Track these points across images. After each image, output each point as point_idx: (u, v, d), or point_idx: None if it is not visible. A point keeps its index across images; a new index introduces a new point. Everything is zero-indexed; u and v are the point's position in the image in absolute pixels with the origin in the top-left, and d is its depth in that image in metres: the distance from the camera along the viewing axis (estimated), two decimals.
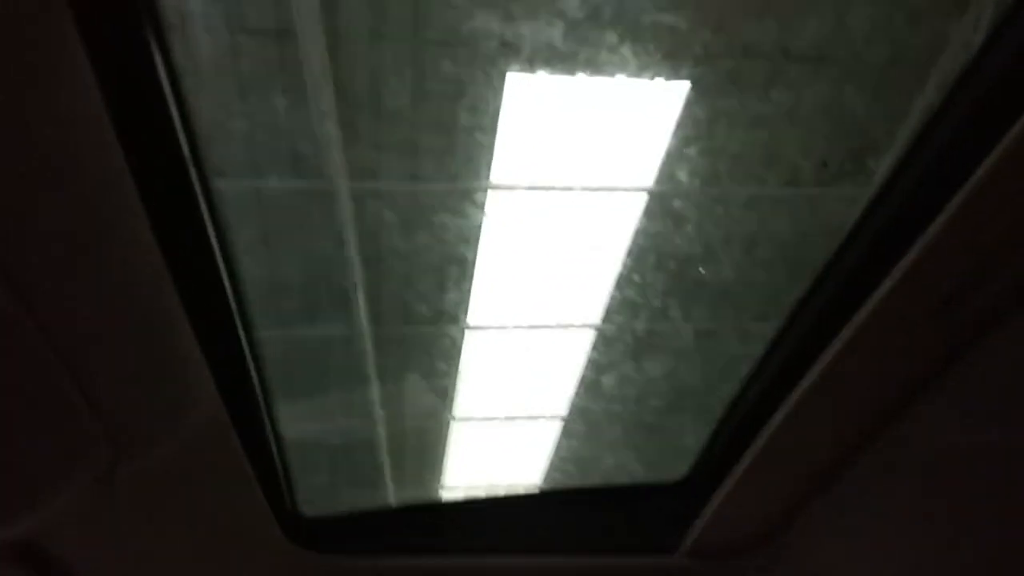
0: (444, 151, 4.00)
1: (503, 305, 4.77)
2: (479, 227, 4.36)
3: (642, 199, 4.47)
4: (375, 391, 4.85)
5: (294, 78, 3.43)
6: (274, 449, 0.96)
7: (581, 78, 3.81)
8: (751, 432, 1.00)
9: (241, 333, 0.79)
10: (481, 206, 4.34)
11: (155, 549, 0.83)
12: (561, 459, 5.72)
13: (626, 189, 4.37)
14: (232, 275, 0.70)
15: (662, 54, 3.79)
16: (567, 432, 5.59)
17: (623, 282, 4.67)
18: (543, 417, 5.55)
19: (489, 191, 4.29)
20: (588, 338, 5.03)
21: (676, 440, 5.32)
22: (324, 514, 1.13)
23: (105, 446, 0.61)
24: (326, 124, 3.58)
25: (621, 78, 3.85)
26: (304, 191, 3.94)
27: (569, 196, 4.49)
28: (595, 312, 4.89)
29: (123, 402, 0.61)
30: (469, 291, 4.65)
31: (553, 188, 4.37)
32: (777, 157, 3.96)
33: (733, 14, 3.55)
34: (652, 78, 3.81)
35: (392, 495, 5.49)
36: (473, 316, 4.78)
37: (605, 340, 4.96)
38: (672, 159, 4.15)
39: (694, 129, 3.99)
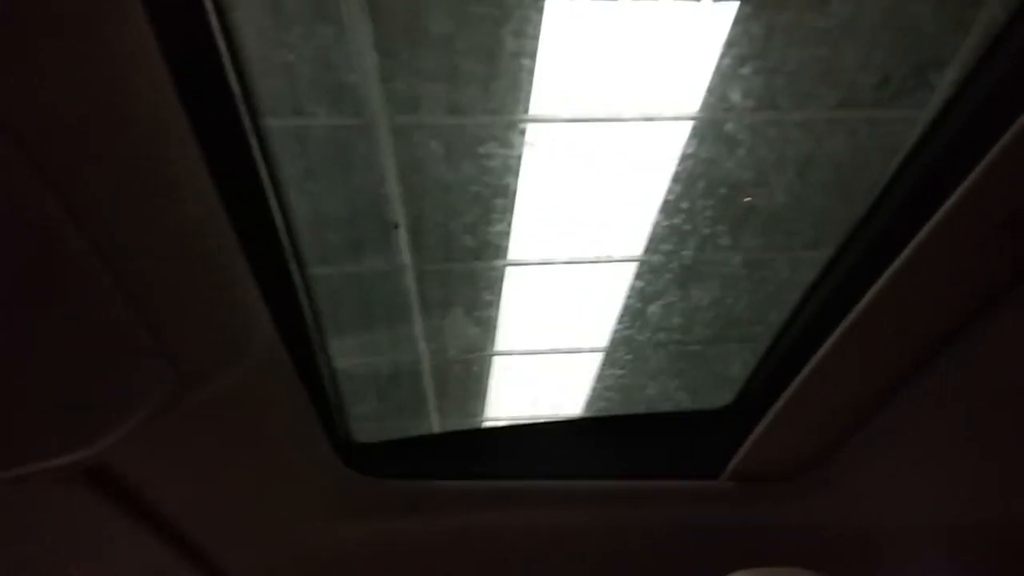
0: (484, 83, 3.93)
1: (545, 239, 4.76)
2: (520, 160, 4.33)
3: (687, 126, 4.36)
4: (418, 325, 4.93)
5: (332, 9, 3.39)
6: (327, 379, 0.99)
7: (624, 1, 3.68)
8: (799, 359, 0.99)
9: (294, 267, 0.81)
10: (522, 138, 4.29)
11: (217, 473, 0.88)
12: (604, 388, 5.78)
13: (671, 118, 4.26)
14: (284, 211, 0.71)
15: None
16: (608, 363, 5.63)
17: (668, 210, 4.60)
18: (584, 350, 5.59)
19: (529, 124, 4.23)
20: (631, 270, 5.00)
21: (719, 368, 5.31)
22: (375, 440, 1.18)
23: (170, 376, 0.64)
24: (364, 58, 3.55)
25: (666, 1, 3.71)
26: (344, 127, 3.94)
27: (612, 127, 4.41)
28: (638, 243, 4.85)
29: (186, 335, 0.63)
30: (510, 225, 4.65)
31: (595, 119, 4.29)
32: (833, 74, 3.79)
33: None
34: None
35: (436, 425, 5.64)
36: (515, 250, 4.78)
37: (651, 270, 4.93)
38: (721, 80, 4.01)
39: (744, 48, 3.84)
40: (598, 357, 5.90)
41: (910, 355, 0.94)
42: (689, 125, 4.74)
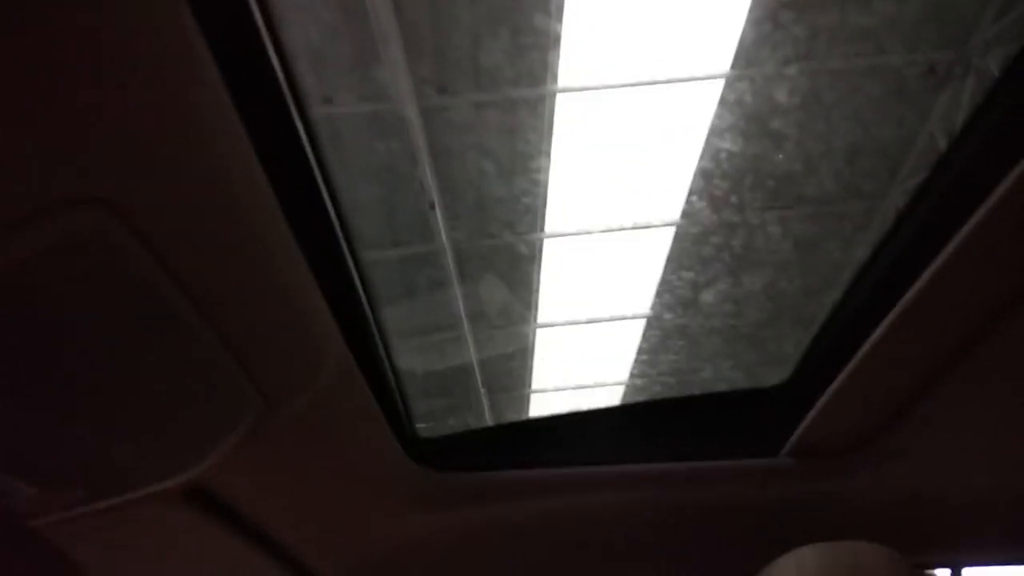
0: (508, 59, 3.91)
1: (581, 209, 4.75)
2: (550, 133, 4.30)
3: (718, 86, 4.27)
4: (459, 304, 4.99)
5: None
6: (392, 380, 1.03)
7: None
8: (855, 337, 1.00)
9: (355, 274, 0.84)
10: (550, 111, 4.26)
11: (299, 482, 0.93)
12: (646, 357, 5.80)
13: (701, 79, 4.18)
14: (347, 235, 0.74)
15: None
16: (650, 330, 5.63)
17: (700, 178, 4.55)
18: (626, 318, 5.61)
19: (557, 95, 4.20)
20: (667, 237, 4.98)
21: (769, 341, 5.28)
22: (437, 434, 1.22)
23: (257, 402, 0.68)
24: (390, 45, 3.55)
25: None
26: (374, 114, 3.96)
27: (638, 92, 4.34)
28: (673, 211, 4.82)
29: (268, 363, 0.67)
30: (546, 198, 4.64)
31: (622, 85, 4.23)
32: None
33: None
34: None
35: (484, 400, 5.73)
36: (551, 222, 4.79)
37: (684, 238, 4.91)
38: (749, 39, 3.93)
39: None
40: (640, 324, 5.86)
41: (969, 328, 0.94)
42: (720, 84, 4.58)
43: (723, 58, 4.07)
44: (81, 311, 0.51)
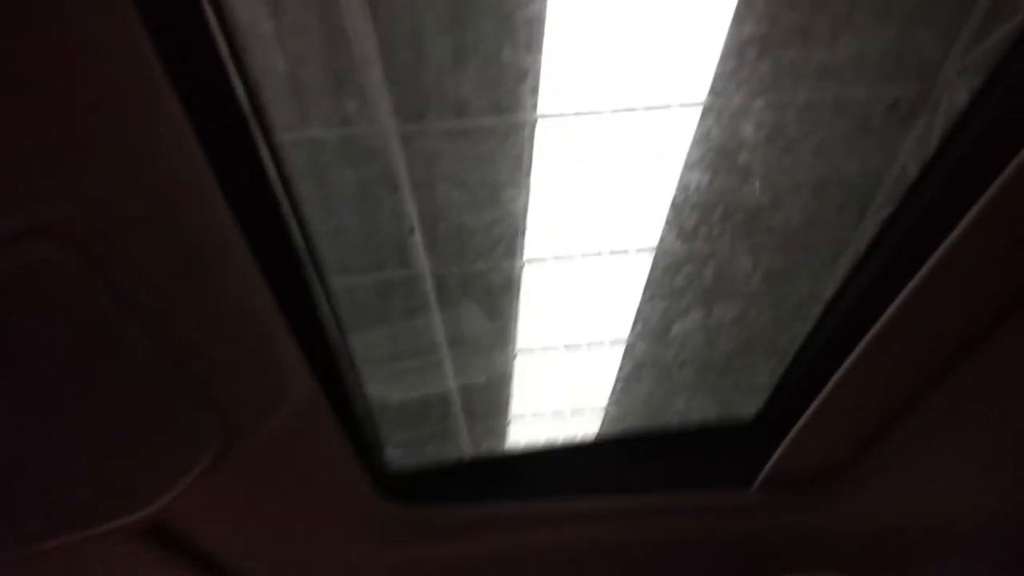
0: (488, 86, 3.94)
1: (561, 235, 4.76)
2: (530, 160, 4.33)
3: (696, 114, 4.33)
4: (439, 331, 4.97)
5: (334, 23, 3.40)
6: (361, 410, 1.01)
7: None
8: (825, 369, 1.00)
9: (322, 301, 0.83)
10: (531, 138, 4.29)
11: (264, 517, 0.91)
12: (625, 383, 5.80)
13: (680, 105, 4.24)
14: (315, 261, 0.73)
15: None
16: (629, 355, 5.64)
17: (678, 203, 4.60)
18: (605, 343, 5.61)
19: (538, 121, 4.23)
20: (646, 262, 5.00)
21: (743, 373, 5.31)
22: (408, 468, 1.20)
23: (218, 435, 0.67)
24: (370, 72, 3.57)
25: None
26: (353, 138, 3.96)
27: (620, 119, 4.38)
28: (652, 235, 4.85)
29: (229, 396, 0.66)
30: (525, 223, 4.65)
31: (603, 112, 4.27)
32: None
33: None
34: None
35: (463, 428, 5.68)
36: (531, 248, 4.79)
37: (663, 263, 4.94)
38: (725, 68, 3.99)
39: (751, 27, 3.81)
40: (619, 349, 5.88)
41: (937, 358, 0.95)
42: (697, 112, 4.65)
43: (701, 86, 4.13)
44: (34, 342, 0.50)
